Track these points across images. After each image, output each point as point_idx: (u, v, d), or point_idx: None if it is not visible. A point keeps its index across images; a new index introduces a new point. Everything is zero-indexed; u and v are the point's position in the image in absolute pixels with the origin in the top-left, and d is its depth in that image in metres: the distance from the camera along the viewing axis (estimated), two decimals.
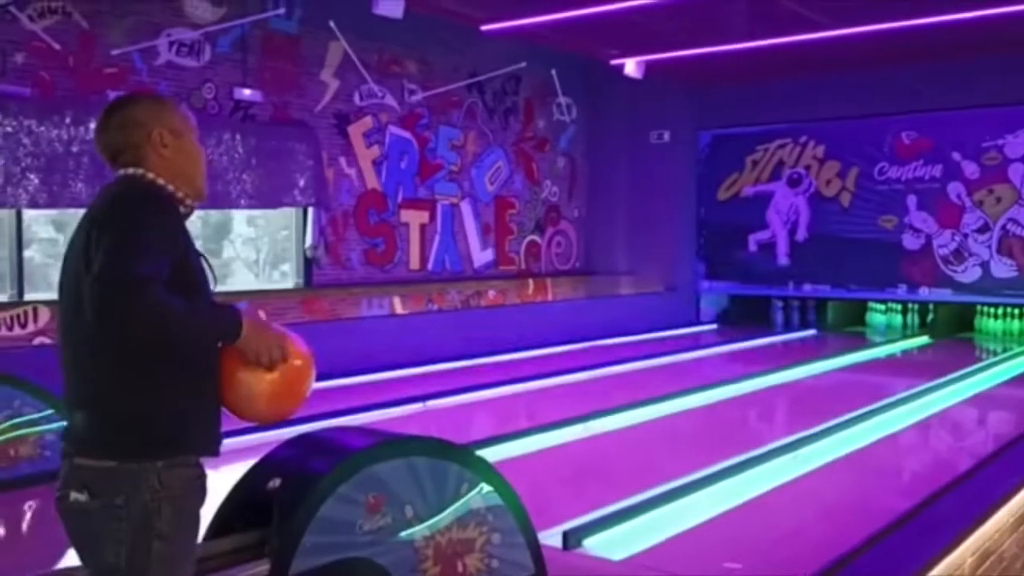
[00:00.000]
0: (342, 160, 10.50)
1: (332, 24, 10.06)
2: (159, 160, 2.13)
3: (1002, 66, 11.36)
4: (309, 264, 10.18)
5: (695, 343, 12.53)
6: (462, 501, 3.27)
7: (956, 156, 12.06)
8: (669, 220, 13.76)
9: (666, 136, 13.70)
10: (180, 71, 8.92)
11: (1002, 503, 3.93)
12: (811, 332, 13.44)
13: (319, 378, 2.40)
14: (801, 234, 13.26)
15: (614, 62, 11.69)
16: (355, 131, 10.62)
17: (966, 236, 12.10)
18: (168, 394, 1.99)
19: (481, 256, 12.28)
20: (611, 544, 4.16)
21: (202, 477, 2.11)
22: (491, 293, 12.12)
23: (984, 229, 11.98)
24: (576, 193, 13.83)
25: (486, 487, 3.37)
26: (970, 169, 12.00)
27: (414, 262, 11.37)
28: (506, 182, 12.65)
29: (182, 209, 2.17)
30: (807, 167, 13.16)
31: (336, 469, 2.83)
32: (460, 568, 3.22)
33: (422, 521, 3.09)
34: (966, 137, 11.99)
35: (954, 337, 12.57)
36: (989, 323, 12.79)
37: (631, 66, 11.65)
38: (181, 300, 1.93)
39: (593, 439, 6.47)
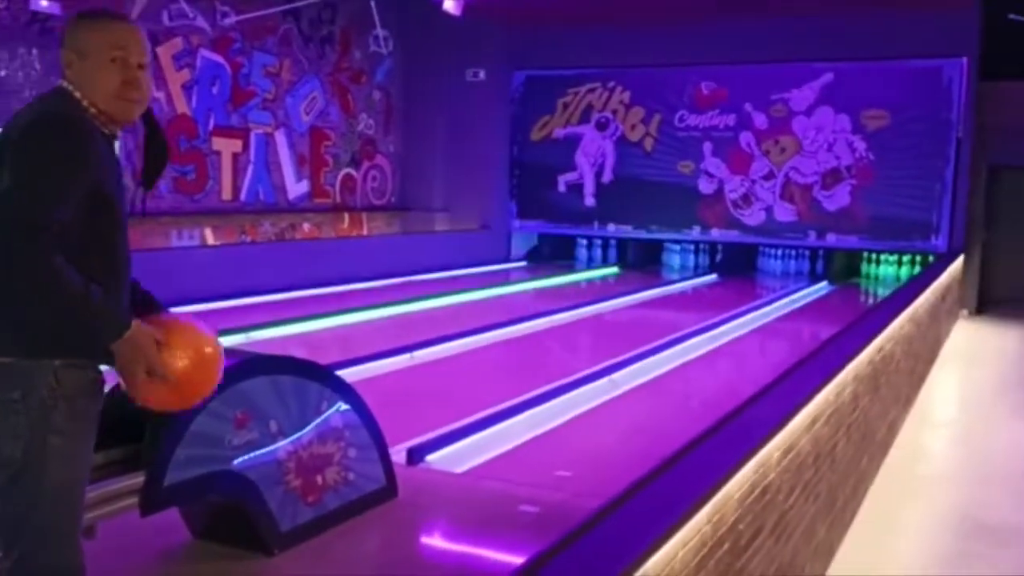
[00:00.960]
0: None
1: None
2: (73, 80, 2.15)
3: (793, 26, 12.30)
4: None
5: (506, 279, 12.95)
6: (322, 418, 3.40)
7: (748, 107, 12.99)
8: (484, 159, 14.03)
9: (481, 75, 13.89)
10: None
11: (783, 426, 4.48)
12: (613, 270, 14.19)
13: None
14: (607, 176, 13.89)
15: None
16: (164, 52, 10.13)
17: (754, 182, 13.11)
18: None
19: (296, 188, 12.10)
20: (451, 460, 4.41)
21: (99, 381, 2.15)
22: (306, 226, 11.99)
23: (769, 176, 13.03)
24: (392, 128, 13.82)
25: (343, 405, 3.51)
26: (759, 120, 12.97)
27: (226, 192, 11.07)
28: (322, 113, 12.46)
29: (105, 131, 2.17)
30: (614, 112, 13.75)
31: None
32: (320, 480, 3.36)
33: (285, 436, 3.21)
34: (757, 90, 12.92)
35: (740, 275, 13.65)
36: (771, 263, 13.98)
37: (449, 2, 11.70)
38: (79, 278, 1.98)
39: (419, 367, 6.68)
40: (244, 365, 3.07)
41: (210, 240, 10.55)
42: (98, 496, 2.58)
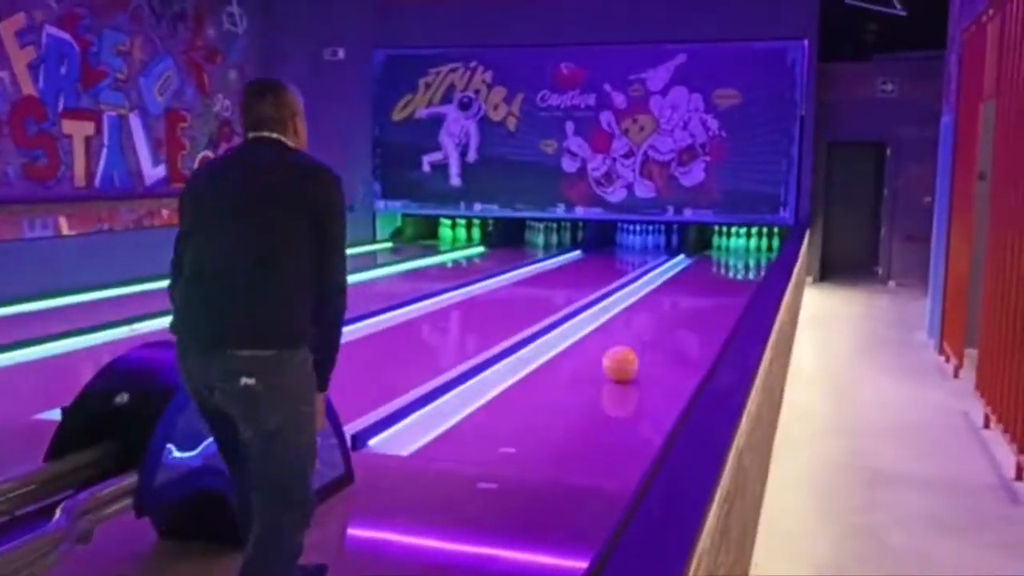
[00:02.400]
0: None
1: None
2: (293, 137, 2.68)
3: (647, 8, 12.74)
4: None
5: (374, 261, 12.84)
6: None
7: (607, 87, 13.35)
8: (346, 139, 13.81)
9: (340, 53, 13.65)
10: None
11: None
12: (479, 249, 14.32)
13: None
14: (472, 156, 13.97)
15: None
16: (6, 29, 9.44)
17: (615, 160, 13.51)
18: (304, 307, 2.54)
19: (153, 173, 11.57)
20: (392, 444, 4.41)
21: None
22: (165, 212, 11.48)
23: (629, 154, 13.47)
24: None
25: None
26: (619, 99, 13.37)
27: (80, 178, 10.45)
28: (177, 93, 11.93)
29: None
30: (476, 91, 13.83)
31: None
32: None
33: None
34: (615, 70, 13.30)
35: (601, 252, 14.07)
36: (630, 238, 14.49)
37: None
38: None
39: None
40: None
41: (65, 230, 9.96)
42: (93, 501, 2.48)
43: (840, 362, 8.11)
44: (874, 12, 12.09)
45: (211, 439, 2.90)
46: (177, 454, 2.75)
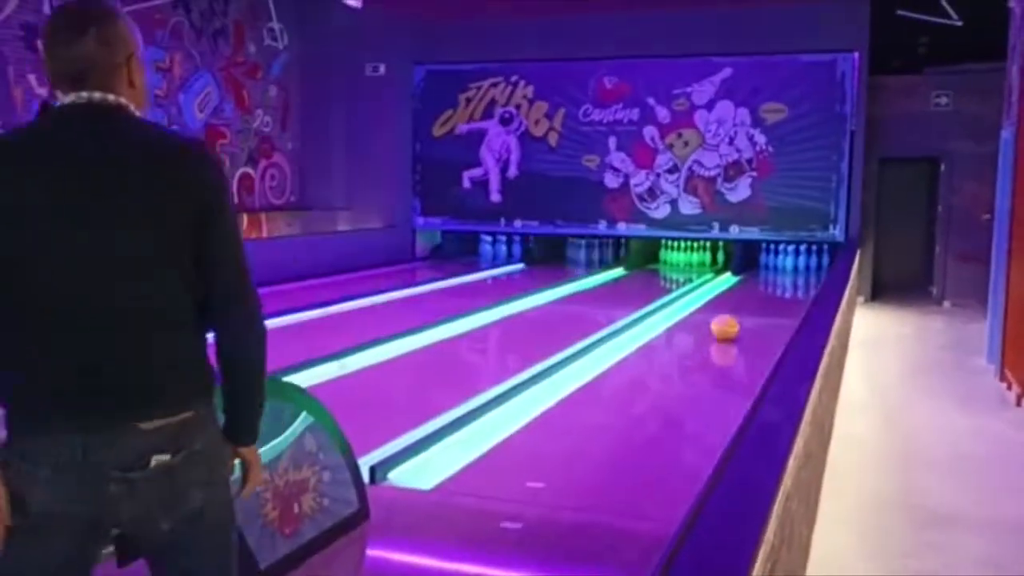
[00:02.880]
0: (32, 78, 9.31)
1: None
2: (130, 92, 1.84)
3: (691, 20, 12.47)
4: None
5: (413, 278, 12.69)
6: (296, 441, 3.15)
7: (651, 101, 13.09)
8: (386, 155, 13.72)
9: (382, 69, 13.56)
10: None
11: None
12: (519, 266, 14.10)
13: None
14: (512, 172, 13.78)
15: None
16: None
17: (658, 176, 13.23)
18: (205, 340, 1.92)
19: None
20: (414, 476, 4.19)
21: None
22: None
23: (674, 169, 13.17)
24: (290, 124, 13.35)
25: (318, 427, 3.26)
26: (662, 114, 13.09)
27: None
28: (216, 110, 11.91)
29: None
30: (518, 106, 13.65)
31: None
32: (296, 509, 3.11)
33: (263, 466, 2.93)
34: (660, 84, 13.03)
35: (644, 269, 13.77)
36: (672, 255, 14.15)
37: None
38: None
39: (351, 377, 6.40)
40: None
41: None
42: None
43: (892, 387, 7.74)
44: (927, 23, 11.69)
45: None
46: None
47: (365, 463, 4.13)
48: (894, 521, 4.46)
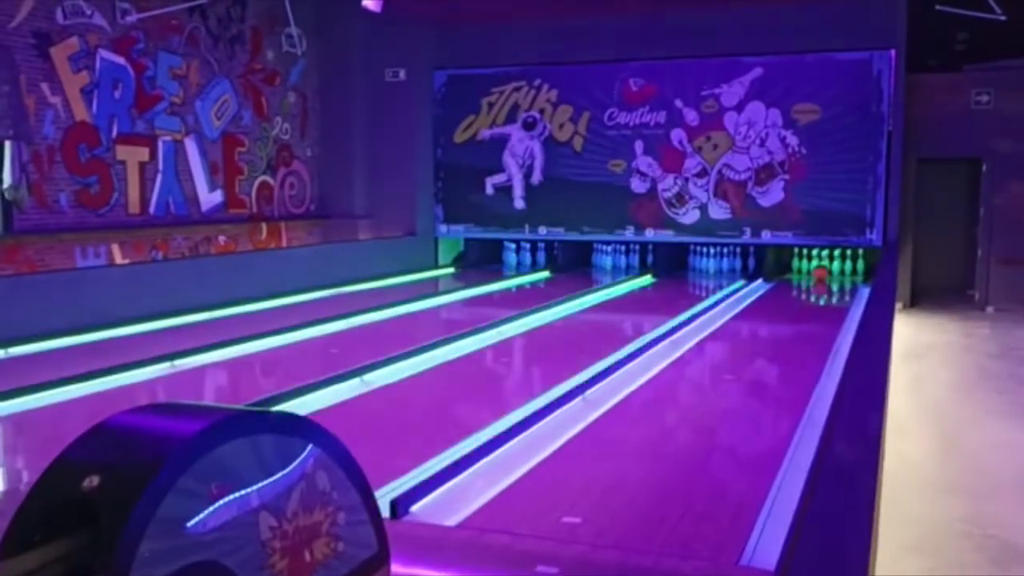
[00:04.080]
0: (44, 87, 9.10)
1: None
2: None
3: (720, 19, 12.09)
4: (9, 207, 8.78)
5: (436, 288, 12.38)
6: (307, 481, 2.81)
7: (679, 103, 12.71)
8: (407, 162, 13.42)
9: (402, 75, 13.28)
10: None
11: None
12: (544, 274, 13.75)
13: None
14: (536, 177, 13.43)
15: None
16: (59, 54, 9.24)
17: (687, 180, 12.84)
18: None
19: (209, 199, 11.28)
20: (439, 509, 3.84)
21: None
22: (221, 239, 11.20)
23: (703, 173, 12.78)
24: (309, 132, 13.08)
25: (332, 463, 2.92)
26: (691, 116, 12.71)
27: (133, 205, 10.19)
28: (234, 117, 11.66)
29: None
30: (541, 111, 13.31)
31: (174, 457, 2.26)
32: (308, 557, 2.76)
33: (268, 509, 2.60)
34: (687, 85, 12.65)
35: (673, 275, 13.37)
36: (703, 261, 13.74)
37: None
38: None
39: (372, 395, 6.07)
40: (219, 426, 2.46)
41: (118, 258, 9.69)
42: None
43: (942, 402, 7.33)
44: (967, 18, 11.25)
45: (202, 526, 2.37)
46: (155, 551, 2.21)
47: (386, 495, 3.81)
48: (964, 556, 4.07)
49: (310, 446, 2.82)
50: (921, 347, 9.78)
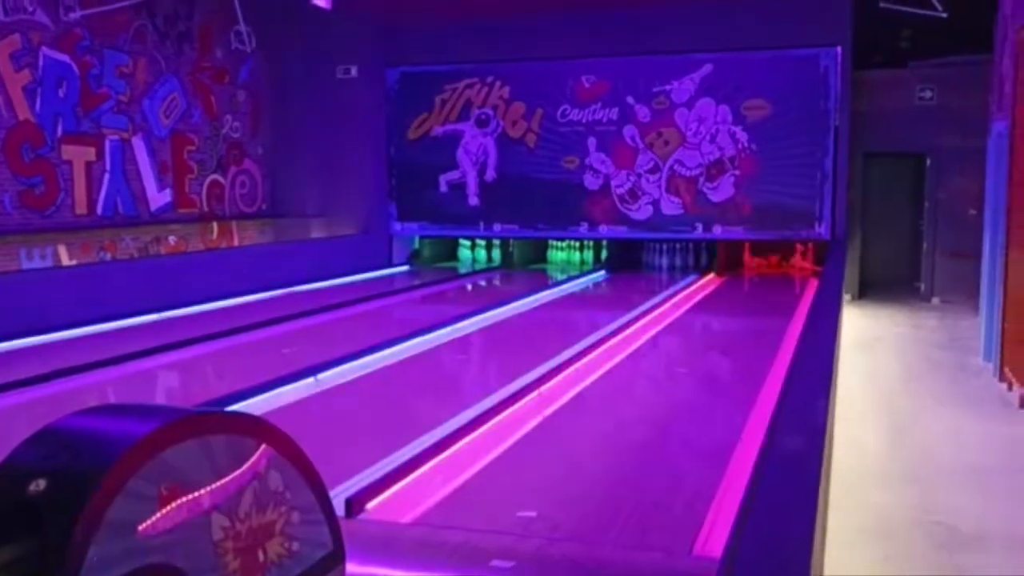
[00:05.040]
0: None
1: None
2: None
3: (671, 17, 12.19)
4: None
5: (391, 286, 12.32)
6: (262, 481, 2.79)
7: (630, 100, 12.78)
8: (360, 160, 13.34)
9: (353, 72, 13.19)
10: None
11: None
12: (497, 271, 13.76)
13: None
14: (490, 174, 13.43)
15: None
16: (0, 52, 9.03)
17: (639, 176, 12.92)
18: None
19: (158, 198, 11.11)
20: (393, 507, 3.84)
21: None
22: (171, 239, 11.04)
23: (655, 170, 12.87)
24: (260, 130, 12.95)
25: (285, 462, 2.90)
26: (642, 113, 12.79)
27: (80, 206, 10.01)
28: (183, 116, 11.49)
29: None
30: (494, 108, 13.30)
31: (122, 459, 2.23)
32: (262, 557, 2.74)
33: (219, 509, 2.58)
34: (639, 82, 12.73)
35: (626, 271, 13.46)
36: (655, 258, 13.84)
37: None
38: None
39: (325, 393, 6.03)
40: (169, 427, 2.43)
41: (65, 259, 9.51)
42: None
43: (892, 391, 7.46)
44: (910, 15, 11.47)
45: (153, 529, 2.34)
46: (104, 556, 2.18)
47: (341, 494, 3.79)
48: (912, 542, 4.16)
49: (263, 446, 2.80)
50: (871, 338, 9.95)
